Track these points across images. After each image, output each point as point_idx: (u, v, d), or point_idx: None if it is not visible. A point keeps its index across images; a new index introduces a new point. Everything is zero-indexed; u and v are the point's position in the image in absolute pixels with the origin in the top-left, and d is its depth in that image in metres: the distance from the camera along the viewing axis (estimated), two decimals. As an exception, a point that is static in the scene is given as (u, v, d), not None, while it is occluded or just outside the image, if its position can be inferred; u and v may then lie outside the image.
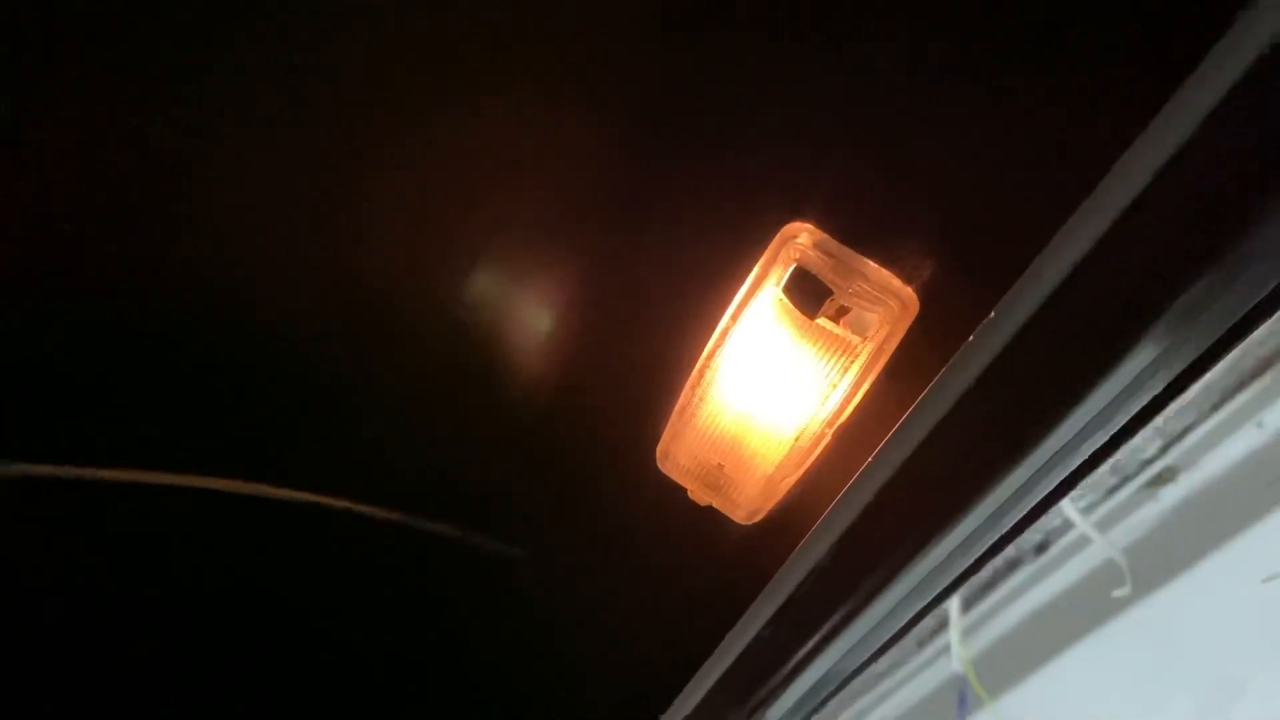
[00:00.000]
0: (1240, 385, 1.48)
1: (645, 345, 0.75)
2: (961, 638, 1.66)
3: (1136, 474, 1.58)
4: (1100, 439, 0.57)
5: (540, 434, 0.88)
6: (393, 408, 0.89)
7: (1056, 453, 0.55)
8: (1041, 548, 1.67)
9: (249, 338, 0.82)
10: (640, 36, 0.62)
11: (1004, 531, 0.64)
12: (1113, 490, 1.60)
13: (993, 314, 0.50)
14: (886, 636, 0.74)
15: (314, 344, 0.84)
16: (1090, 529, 1.59)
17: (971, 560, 0.66)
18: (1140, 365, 0.50)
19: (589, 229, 0.73)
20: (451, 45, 0.64)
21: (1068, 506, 1.58)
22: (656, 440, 0.71)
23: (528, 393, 0.85)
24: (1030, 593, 1.67)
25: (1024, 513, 0.62)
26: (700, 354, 0.65)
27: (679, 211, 0.68)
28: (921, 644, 1.74)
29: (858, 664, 0.78)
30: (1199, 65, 0.42)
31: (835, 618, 0.67)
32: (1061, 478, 0.60)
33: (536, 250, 0.77)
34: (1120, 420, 0.56)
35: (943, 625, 1.69)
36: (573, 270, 0.76)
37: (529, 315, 0.80)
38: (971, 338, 0.51)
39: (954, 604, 1.66)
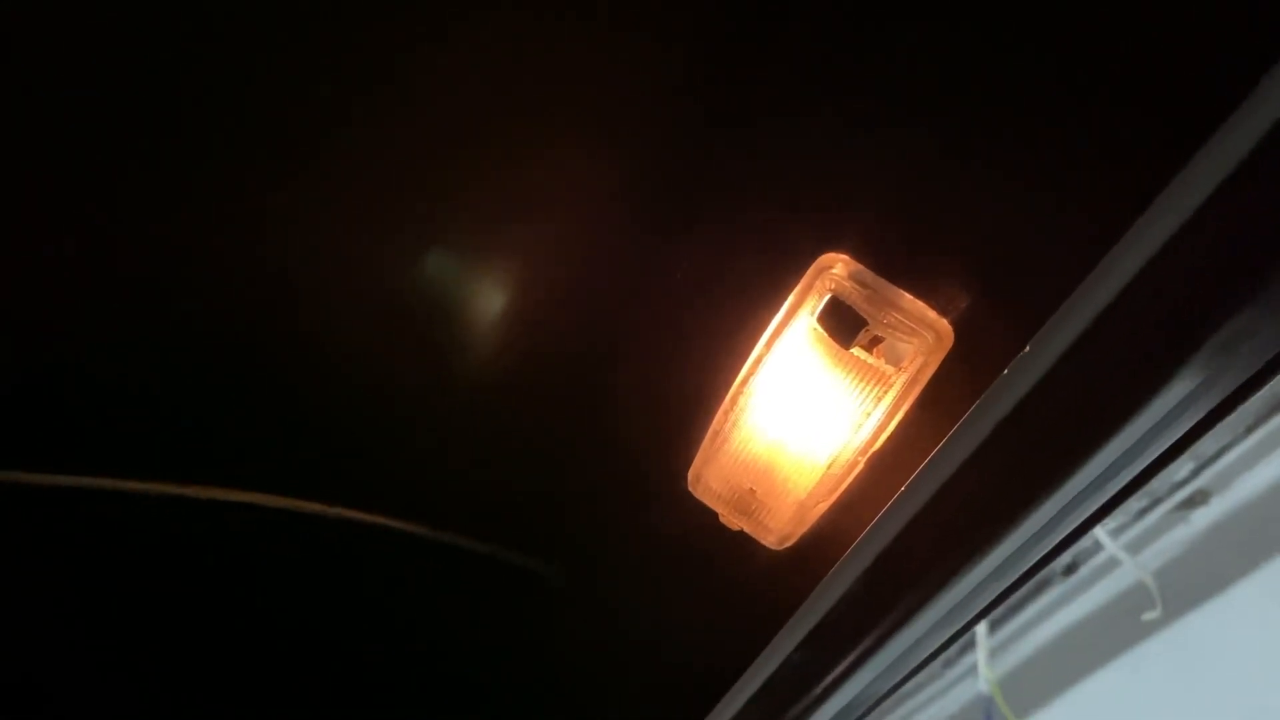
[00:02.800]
0: (1275, 408, 1.47)
1: (679, 370, 0.75)
2: (989, 658, 1.65)
3: (1168, 496, 1.57)
4: (1134, 470, 0.57)
5: (573, 455, 0.89)
6: (425, 423, 0.90)
7: (1089, 485, 0.55)
8: (1070, 569, 1.66)
9: (283, 350, 0.83)
10: (684, 74, 0.63)
11: (1035, 560, 0.64)
12: (1143, 513, 1.59)
13: (1028, 348, 0.50)
14: (915, 662, 0.74)
15: (350, 359, 0.85)
16: (1120, 551, 1.57)
17: (1002, 588, 0.66)
18: (1176, 400, 0.50)
19: (627, 254, 0.74)
20: (501, 76, 0.65)
21: (1097, 529, 1.57)
22: (688, 465, 0.72)
23: (561, 413, 0.86)
24: (1058, 614, 1.66)
25: (1056, 541, 0.63)
26: (734, 380, 0.65)
27: (716, 240, 0.69)
28: (948, 664, 1.73)
29: (885, 689, 0.78)
30: (1244, 100, 0.42)
31: (865, 643, 0.67)
32: (1094, 509, 0.60)
33: (573, 274, 0.78)
34: (1154, 452, 0.56)
35: (970, 646, 1.68)
36: (609, 294, 0.77)
37: (564, 337, 0.81)
38: (1006, 371, 0.51)
39: (981, 625, 1.65)
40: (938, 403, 0.60)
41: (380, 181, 0.71)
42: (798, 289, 0.61)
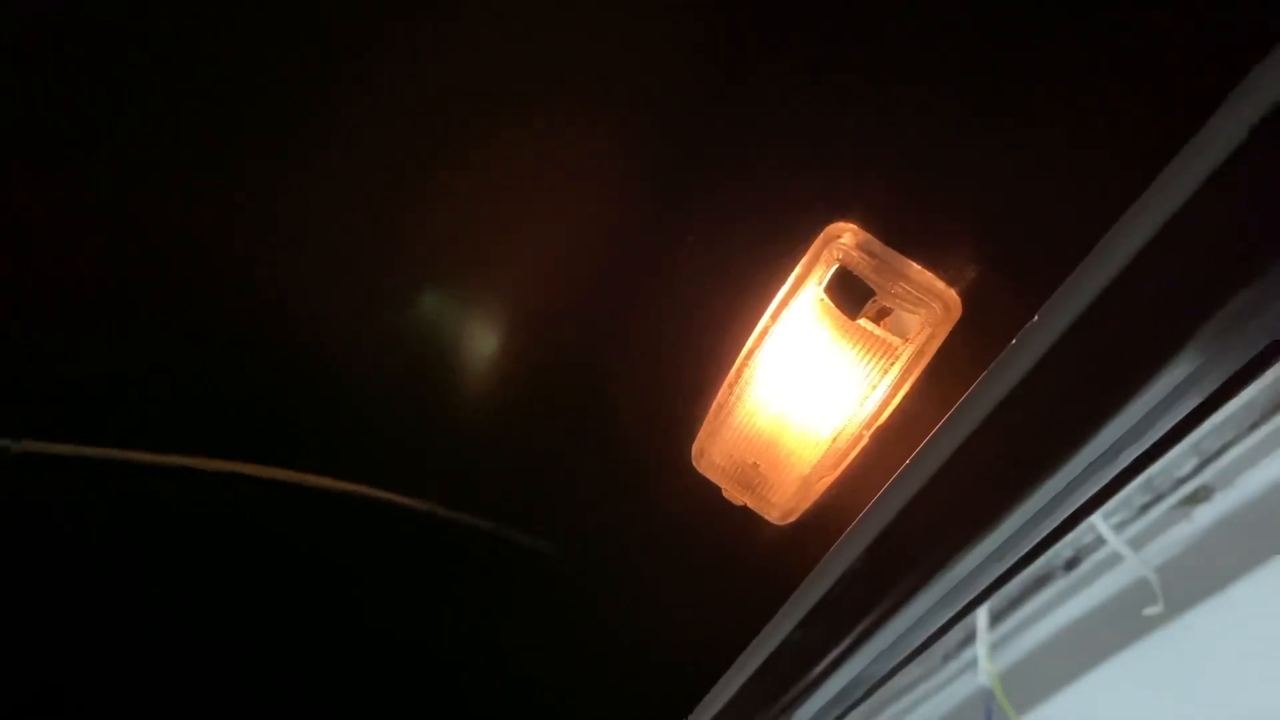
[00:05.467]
0: (1279, 405, 1.46)
1: (684, 343, 0.75)
2: (989, 652, 1.64)
3: (1171, 492, 1.56)
4: (1139, 448, 0.57)
5: (576, 430, 0.89)
6: (430, 403, 0.90)
7: (1095, 461, 0.55)
8: (1072, 564, 1.65)
9: (289, 330, 0.83)
10: (692, 43, 0.63)
11: (1038, 541, 0.63)
12: (1146, 508, 1.58)
13: (1036, 318, 0.50)
14: (916, 643, 0.74)
15: (356, 340, 0.85)
16: (1122, 546, 1.57)
17: (1006, 567, 0.66)
18: (1184, 373, 0.50)
19: (632, 227, 0.74)
20: (505, 44, 0.65)
21: (1100, 523, 1.56)
22: (692, 439, 0.72)
23: (564, 389, 0.86)
24: (1060, 609, 1.65)
25: (1059, 522, 0.62)
26: (739, 352, 0.65)
27: (723, 210, 0.69)
28: (948, 658, 1.73)
29: (886, 670, 0.77)
30: (1247, 75, 0.42)
31: (867, 621, 0.66)
32: (1099, 487, 0.60)
33: (577, 247, 0.78)
34: (1161, 429, 0.56)
35: (969, 639, 1.67)
36: (613, 267, 0.77)
37: (567, 312, 0.81)
38: (1014, 341, 0.51)
39: (982, 618, 1.64)
40: (944, 375, 0.60)
41: (381, 160, 0.71)
42: (805, 259, 0.60)
